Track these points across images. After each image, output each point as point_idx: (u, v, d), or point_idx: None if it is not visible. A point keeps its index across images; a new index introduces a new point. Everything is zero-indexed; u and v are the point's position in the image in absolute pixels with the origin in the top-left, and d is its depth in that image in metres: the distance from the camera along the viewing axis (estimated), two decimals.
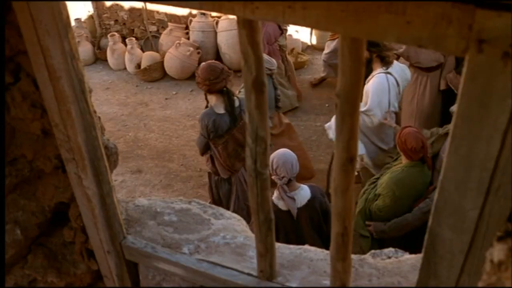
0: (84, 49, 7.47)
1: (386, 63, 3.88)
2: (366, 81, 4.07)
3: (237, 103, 3.57)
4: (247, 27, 0.94)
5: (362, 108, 3.97)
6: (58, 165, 1.53)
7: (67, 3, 1.14)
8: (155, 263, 1.53)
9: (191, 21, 7.15)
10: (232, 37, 6.71)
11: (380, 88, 3.87)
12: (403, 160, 3.21)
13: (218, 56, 7.14)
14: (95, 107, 1.39)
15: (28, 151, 1.50)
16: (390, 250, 1.45)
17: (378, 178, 3.42)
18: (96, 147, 1.39)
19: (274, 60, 4.42)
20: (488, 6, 0.66)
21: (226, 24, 6.82)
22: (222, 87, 3.47)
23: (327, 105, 6.10)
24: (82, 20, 7.87)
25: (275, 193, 2.96)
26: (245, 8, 0.86)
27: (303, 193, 3.03)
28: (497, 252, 0.78)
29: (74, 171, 1.43)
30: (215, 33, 7.04)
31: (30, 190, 1.62)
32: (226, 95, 3.51)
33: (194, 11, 7.09)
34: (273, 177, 2.93)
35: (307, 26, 0.82)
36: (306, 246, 1.51)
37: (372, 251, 1.46)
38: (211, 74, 3.42)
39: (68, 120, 1.31)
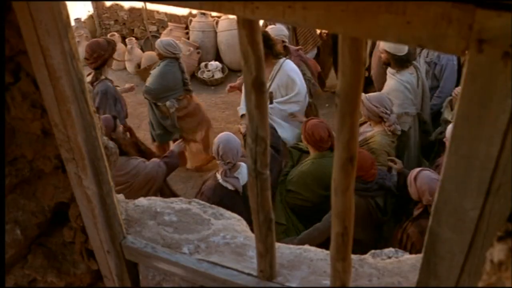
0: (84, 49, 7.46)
1: (278, 54, 4.04)
2: (270, 77, 4.05)
3: (101, 87, 3.99)
4: (247, 27, 0.94)
5: (284, 98, 4.02)
6: (58, 165, 1.53)
7: (67, 3, 1.14)
8: (155, 263, 1.53)
9: (191, 21, 7.15)
10: (232, 37, 6.71)
11: (297, 70, 4.03)
12: (312, 152, 3.26)
13: (218, 56, 7.14)
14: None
15: (28, 151, 1.50)
16: (390, 250, 1.45)
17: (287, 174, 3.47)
18: (96, 147, 1.38)
19: (179, 45, 4.73)
20: (488, 6, 0.66)
21: (226, 24, 6.81)
22: (94, 67, 4.01)
23: (326, 105, 6.09)
24: (82, 20, 7.87)
25: (219, 176, 3.12)
26: (245, 8, 0.85)
27: (245, 170, 3.21)
28: (497, 252, 0.79)
29: (74, 171, 1.43)
30: (215, 33, 7.04)
31: (30, 190, 1.62)
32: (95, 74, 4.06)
33: (194, 11, 7.09)
34: (217, 161, 3.10)
35: (307, 26, 0.82)
36: (306, 246, 1.51)
37: (372, 251, 1.46)
38: (85, 55, 4.02)
39: (68, 120, 1.31)
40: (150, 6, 7.54)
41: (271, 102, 4.07)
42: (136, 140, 3.91)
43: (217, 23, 6.96)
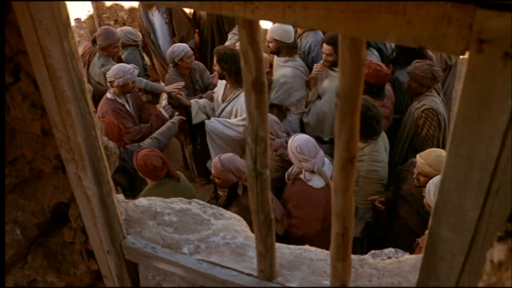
0: None
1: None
2: (229, 98, 3.90)
3: None
4: (247, 27, 0.94)
5: (240, 122, 3.83)
6: (58, 165, 1.52)
7: (67, 3, 1.14)
8: (155, 263, 1.52)
9: None
10: None
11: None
12: (149, 182, 3.13)
13: None
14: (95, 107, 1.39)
15: (28, 151, 1.50)
16: (390, 251, 1.45)
17: None
18: (96, 147, 1.38)
19: (139, 33, 4.85)
20: (488, 6, 0.66)
21: None
22: None
23: None
24: (82, 20, 7.86)
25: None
26: (245, 8, 0.85)
27: None
28: (497, 252, 0.78)
29: (74, 171, 1.43)
30: None
31: (30, 190, 1.62)
32: None
33: None
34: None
35: (307, 26, 0.82)
36: (306, 246, 1.51)
37: (372, 251, 1.46)
38: None
39: (68, 120, 1.31)
40: None
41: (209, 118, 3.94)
42: None
43: None
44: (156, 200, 1.75)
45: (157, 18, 5.23)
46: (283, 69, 4.05)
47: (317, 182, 3.00)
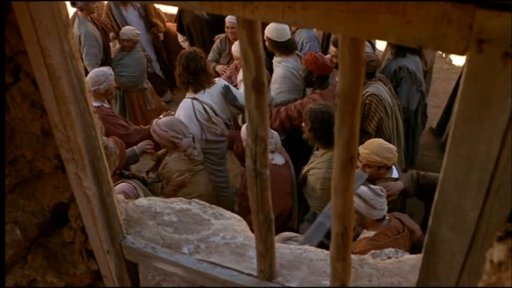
0: None
1: (199, 87, 3.65)
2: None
3: None
4: (247, 27, 0.94)
5: None
6: (58, 165, 1.52)
7: (67, 3, 1.14)
8: (155, 263, 1.52)
9: None
10: None
11: (182, 114, 3.63)
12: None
13: None
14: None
15: (28, 151, 1.50)
16: (390, 250, 1.45)
17: None
18: (95, 147, 1.38)
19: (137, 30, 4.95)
20: (488, 6, 0.66)
21: None
22: None
23: None
24: None
25: None
26: (244, 8, 0.85)
27: None
28: (497, 252, 0.78)
29: (74, 171, 1.43)
30: None
31: (30, 190, 1.62)
32: None
33: None
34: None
35: (307, 26, 0.82)
36: (306, 246, 1.51)
37: (372, 251, 1.46)
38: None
39: (67, 120, 1.31)
40: None
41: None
42: None
43: None
44: (156, 200, 1.75)
45: (132, 14, 5.36)
46: (276, 69, 4.03)
47: (279, 159, 3.23)
